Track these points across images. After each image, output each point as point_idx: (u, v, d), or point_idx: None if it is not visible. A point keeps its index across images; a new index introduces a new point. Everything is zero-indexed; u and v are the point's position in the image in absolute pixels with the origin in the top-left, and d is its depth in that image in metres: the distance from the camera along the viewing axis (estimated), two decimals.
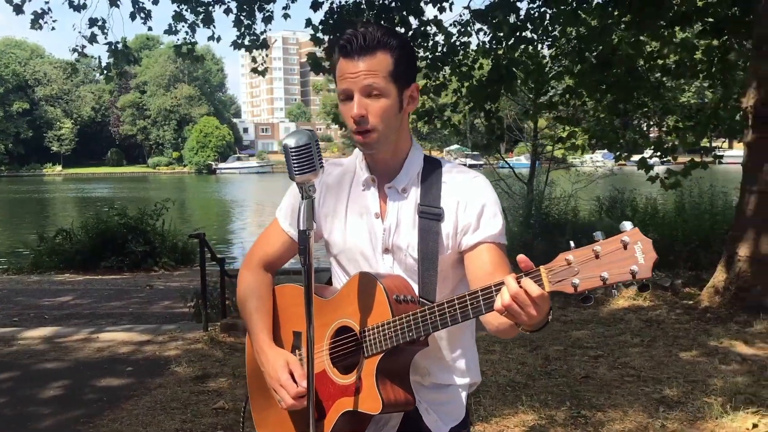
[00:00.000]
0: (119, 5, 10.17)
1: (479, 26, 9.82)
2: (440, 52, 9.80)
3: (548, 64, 11.02)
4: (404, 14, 9.51)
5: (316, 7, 9.62)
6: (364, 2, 9.64)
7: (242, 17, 10.24)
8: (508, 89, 9.62)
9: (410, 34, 9.40)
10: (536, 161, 14.82)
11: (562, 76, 11.24)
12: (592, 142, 12.08)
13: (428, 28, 9.73)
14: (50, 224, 22.51)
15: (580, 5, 9.55)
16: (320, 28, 9.60)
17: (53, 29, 10.43)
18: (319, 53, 9.87)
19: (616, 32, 9.52)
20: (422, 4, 9.59)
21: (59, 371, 5.83)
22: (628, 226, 1.41)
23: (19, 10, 9.95)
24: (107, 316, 8.42)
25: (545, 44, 10.67)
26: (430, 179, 1.82)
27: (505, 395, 4.86)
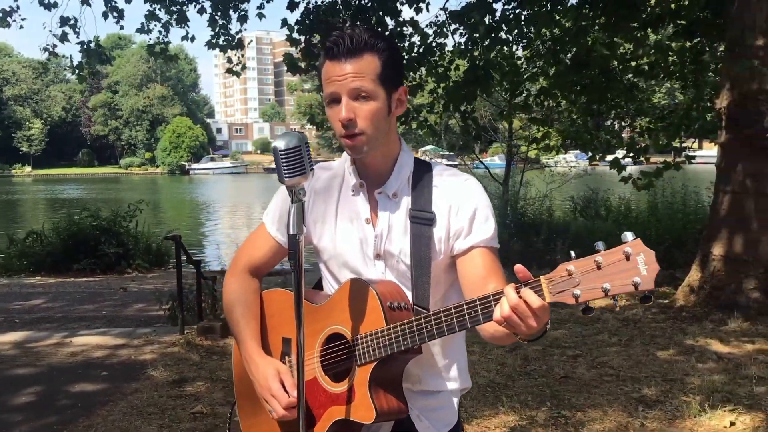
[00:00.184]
0: (90, 4, 10.02)
1: (455, 27, 9.85)
2: (416, 52, 9.81)
3: (523, 65, 11.09)
4: (381, 15, 9.49)
5: (292, 7, 9.57)
6: (340, 3, 9.62)
7: (217, 17, 10.15)
8: (484, 90, 9.65)
9: (386, 34, 9.39)
10: (511, 162, 14.91)
11: (537, 77, 11.32)
12: (566, 142, 12.20)
13: (404, 28, 9.72)
14: (20, 226, 22.14)
15: (555, 7, 9.62)
16: (296, 28, 9.55)
17: (21, 27, 10.22)
18: (295, 54, 9.81)
19: (590, 34, 9.61)
20: (398, 4, 9.58)
21: (31, 377, 5.70)
22: (629, 236, 1.39)
23: None
24: (80, 319, 8.28)
25: (520, 45, 10.73)
26: (421, 183, 1.79)
27: (485, 396, 4.86)
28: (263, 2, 10.51)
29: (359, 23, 9.36)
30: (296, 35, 9.57)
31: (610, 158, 10.79)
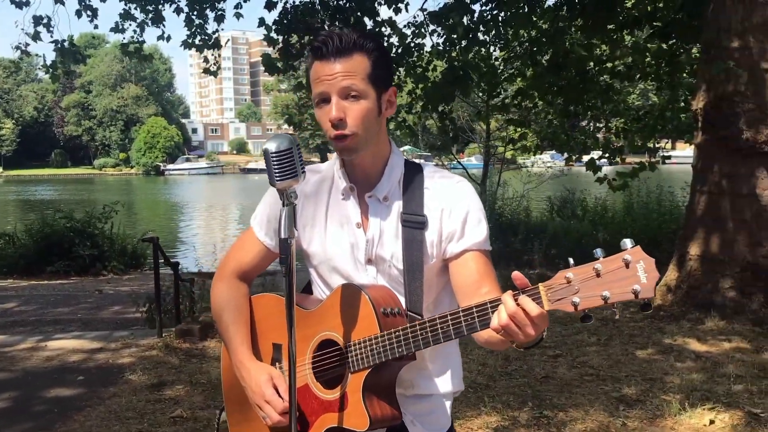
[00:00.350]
0: (64, 2, 9.89)
1: (433, 28, 9.87)
2: (395, 53, 9.81)
3: (501, 66, 11.14)
4: (359, 15, 9.49)
5: (270, 6, 9.53)
6: (318, 3, 9.59)
7: (193, 16, 10.07)
8: (462, 91, 9.68)
9: None
10: (488, 162, 14.98)
11: (514, 78, 11.38)
12: (543, 143, 12.29)
13: (383, 29, 9.72)
14: None
15: (532, 9, 9.68)
16: (274, 28, 9.51)
17: None
18: (272, 54, 9.76)
19: (567, 35, 9.68)
20: (377, 5, 9.58)
21: (6, 382, 5.58)
22: (629, 244, 1.39)
23: None
24: (54, 322, 8.13)
25: (498, 47, 10.79)
26: (412, 185, 1.77)
27: (467, 397, 4.86)
28: (240, 2, 10.45)
29: (337, 23, 9.33)
30: (274, 35, 9.53)
31: (585, 159, 10.89)
